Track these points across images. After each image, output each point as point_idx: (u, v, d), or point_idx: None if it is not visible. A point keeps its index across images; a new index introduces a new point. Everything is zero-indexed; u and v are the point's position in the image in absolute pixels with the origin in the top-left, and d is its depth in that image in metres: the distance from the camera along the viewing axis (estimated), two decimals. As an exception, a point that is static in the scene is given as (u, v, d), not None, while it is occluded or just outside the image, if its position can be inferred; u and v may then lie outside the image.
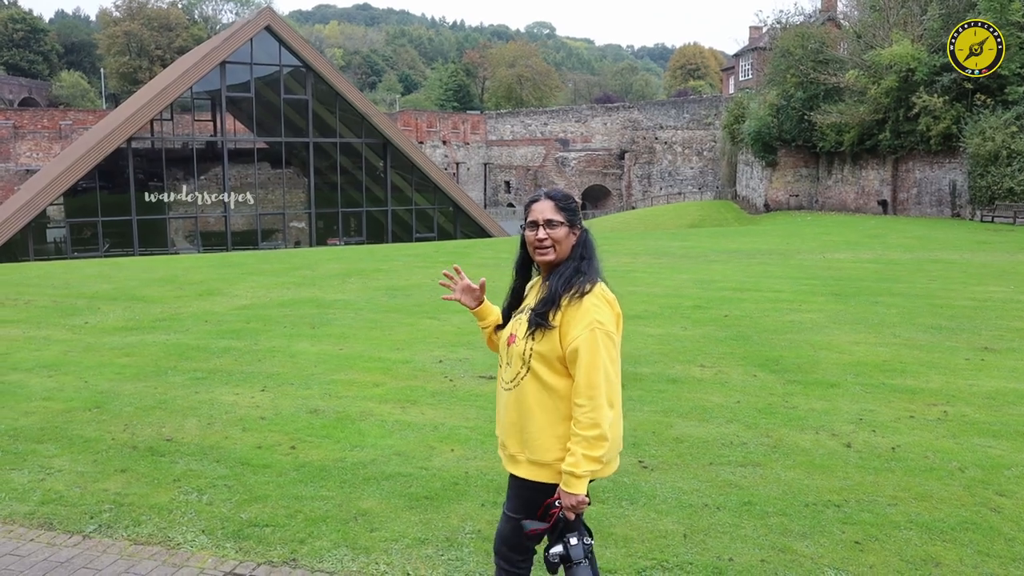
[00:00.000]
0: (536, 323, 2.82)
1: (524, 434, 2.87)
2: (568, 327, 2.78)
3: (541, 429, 2.84)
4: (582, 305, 2.79)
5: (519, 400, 2.89)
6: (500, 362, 3.06)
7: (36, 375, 7.60)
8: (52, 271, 15.90)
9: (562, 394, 2.82)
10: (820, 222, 33.05)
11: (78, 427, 6.00)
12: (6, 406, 6.58)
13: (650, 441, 5.85)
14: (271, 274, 14.99)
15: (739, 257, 18.01)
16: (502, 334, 3.06)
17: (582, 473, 2.71)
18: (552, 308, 2.81)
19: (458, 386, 7.13)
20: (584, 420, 2.72)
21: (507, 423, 2.95)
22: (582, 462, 2.71)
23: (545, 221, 2.90)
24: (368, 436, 5.83)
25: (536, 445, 2.84)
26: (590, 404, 2.72)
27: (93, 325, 10.17)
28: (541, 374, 2.83)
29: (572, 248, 2.94)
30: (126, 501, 4.70)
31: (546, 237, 2.90)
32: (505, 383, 2.96)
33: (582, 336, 2.74)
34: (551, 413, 2.83)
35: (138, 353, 8.46)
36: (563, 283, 2.84)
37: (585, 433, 2.71)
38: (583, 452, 2.71)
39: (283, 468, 5.22)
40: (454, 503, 4.75)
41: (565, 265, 2.90)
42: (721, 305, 11.49)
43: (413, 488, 4.94)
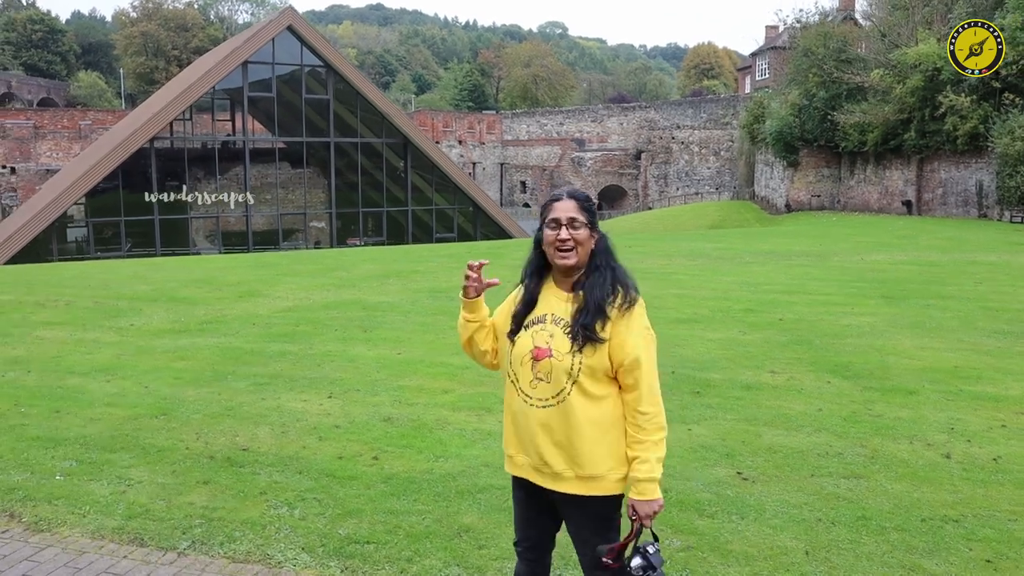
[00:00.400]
0: (587, 337, 2.70)
1: (573, 451, 2.74)
2: (623, 338, 2.71)
3: (594, 443, 2.74)
4: (633, 314, 2.75)
5: (565, 417, 2.74)
6: (514, 377, 2.85)
7: (94, 379, 7.43)
8: (88, 271, 15.77)
9: (610, 403, 2.75)
10: (846, 223, 32.72)
11: (149, 435, 5.83)
12: (71, 412, 6.41)
13: (742, 451, 5.64)
14: (307, 275, 14.82)
15: (775, 259, 17.75)
16: (518, 346, 2.84)
17: (659, 476, 2.72)
18: (599, 321, 2.71)
19: (529, 392, 6.92)
20: (651, 426, 2.71)
21: (547, 441, 2.77)
22: (656, 466, 2.71)
23: (568, 220, 2.77)
24: (450, 446, 5.63)
25: (588, 459, 2.74)
26: (655, 409, 2.73)
27: (139, 327, 10.01)
28: (588, 388, 2.73)
29: (592, 254, 2.82)
30: (215, 515, 4.52)
31: (569, 238, 2.76)
32: (538, 400, 2.77)
33: (640, 345, 2.71)
34: (600, 425, 2.74)
35: (192, 357, 8.28)
36: (607, 293, 2.75)
37: (654, 438, 2.71)
38: (656, 456, 2.71)
39: (370, 480, 5.03)
40: (557, 518, 4.54)
41: (597, 275, 2.79)
42: (772, 308, 11.26)
43: (505, 503, 4.74)
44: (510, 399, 2.89)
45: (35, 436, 5.85)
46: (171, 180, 34.57)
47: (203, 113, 44.07)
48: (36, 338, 9.38)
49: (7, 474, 5.15)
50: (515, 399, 2.85)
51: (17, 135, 45.95)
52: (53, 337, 9.43)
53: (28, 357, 8.38)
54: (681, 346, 8.76)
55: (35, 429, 6.00)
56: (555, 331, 2.76)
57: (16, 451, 5.56)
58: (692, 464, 5.39)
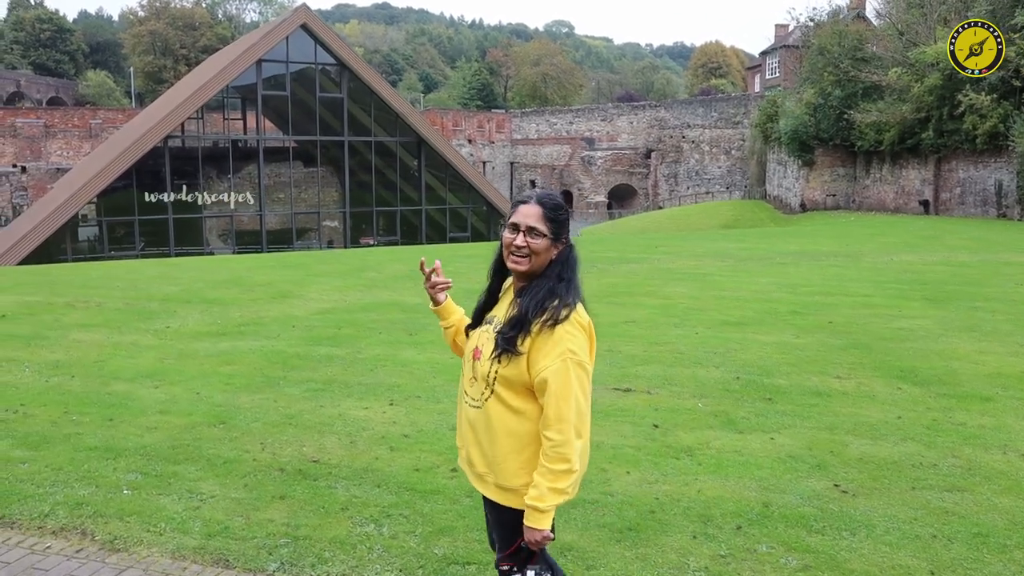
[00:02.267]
0: (503, 348, 2.61)
1: (490, 457, 2.70)
2: (537, 355, 2.58)
3: (507, 454, 2.66)
4: (554, 333, 2.57)
5: (485, 420, 2.70)
6: (463, 370, 2.85)
7: (141, 385, 7.20)
8: (112, 272, 15.54)
9: (530, 417, 2.64)
10: (865, 223, 32.45)
11: (210, 446, 5.59)
12: (124, 420, 6.18)
13: (833, 462, 5.40)
14: (336, 276, 14.59)
15: (806, 259, 17.50)
16: (468, 343, 2.85)
17: (546, 508, 2.56)
18: (521, 333, 2.60)
19: (596, 400, 6.66)
20: (552, 453, 2.55)
21: (473, 441, 2.76)
22: (547, 495, 2.55)
23: (527, 228, 2.65)
24: (528, 456, 5.38)
25: (502, 469, 2.67)
26: (560, 438, 2.54)
27: (175, 329, 9.78)
28: (506, 398, 2.65)
29: (550, 264, 2.68)
30: (300, 534, 4.28)
31: (525, 245, 2.65)
32: (471, 399, 2.76)
33: (553, 367, 2.55)
34: (517, 438, 2.65)
35: (238, 361, 8.05)
36: (535, 306, 2.60)
37: (552, 466, 2.55)
38: (548, 485, 2.55)
39: (453, 493, 4.79)
40: (660, 535, 4.32)
41: (539, 283, 2.65)
42: (818, 311, 11.01)
43: (607, 517, 4.51)
44: (458, 391, 2.90)
45: (92, 446, 5.62)
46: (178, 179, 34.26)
47: (213, 112, 43.84)
48: (73, 341, 9.15)
49: (71, 487, 4.92)
50: (459, 391, 2.87)
51: (28, 134, 45.78)
52: (90, 340, 9.21)
53: (69, 361, 8.15)
54: (737, 350, 8.52)
55: (91, 439, 5.77)
56: (490, 333, 2.71)
57: (75, 462, 5.33)
58: (784, 476, 5.16)
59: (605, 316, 10.44)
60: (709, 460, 5.40)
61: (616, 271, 15.13)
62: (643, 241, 23.37)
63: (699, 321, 10.15)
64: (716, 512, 4.61)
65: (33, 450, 5.59)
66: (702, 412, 6.41)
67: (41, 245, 28.49)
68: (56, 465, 5.29)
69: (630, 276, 14.34)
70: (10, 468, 5.26)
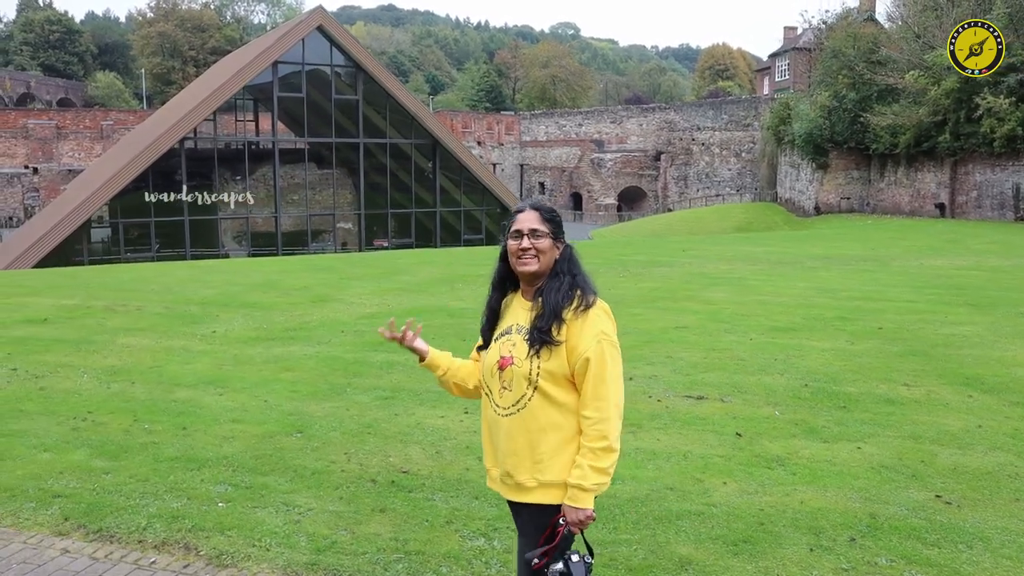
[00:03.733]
0: (541, 340, 2.70)
1: (535, 457, 2.71)
2: (576, 340, 2.68)
3: (555, 449, 2.70)
4: (588, 317, 2.71)
5: (526, 423, 2.72)
6: (487, 389, 2.88)
7: (205, 392, 7.12)
8: (143, 275, 15.47)
9: (573, 409, 2.72)
10: (883, 226, 32.33)
11: (294, 456, 5.51)
12: (198, 429, 6.10)
13: (927, 472, 5.32)
14: (370, 279, 14.51)
15: (835, 264, 17.40)
16: (487, 359, 2.88)
17: (590, 487, 2.61)
18: (555, 323, 2.70)
19: (671, 407, 6.61)
20: (592, 432, 2.64)
21: (510, 451, 2.76)
22: (590, 474, 2.61)
23: (530, 231, 2.80)
24: (619, 467, 5.29)
25: (549, 466, 2.70)
26: (598, 415, 2.64)
27: (223, 334, 9.70)
28: (550, 392, 2.71)
29: (555, 263, 2.82)
30: (410, 548, 4.20)
31: (530, 247, 2.78)
32: (503, 409, 2.78)
33: (591, 348, 2.66)
34: (564, 431, 2.71)
35: (296, 368, 7.97)
36: (563, 296, 2.74)
37: (593, 445, 2.63)
38: (591, 464, 2.62)
39: (554, 505, 4.70)
40: (776, 547, 4.24)
41: (556, 280, 2.79)
42: (864, 316, 10.91)
43: (717, 530, 4.43)
44: (485, 411, 2.90)
45: (172, 456, 5.54)
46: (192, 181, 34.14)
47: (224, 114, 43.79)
48: (122, 346, 9.08)
49: (162, 500, 4.84)
50: (488, 411, 2.87)
51: (40, 135, 45.84)
52: (139, 345, 9.13)
53: (125, 367, 8.08)
54: (797, 357, 8.43)
55: (169, 448, 5.69)
56: (517, 339, 2.77)
57: (159, 473, 5.25)
58: (882, 486, 5.07)
59: (654, 321, 10.37)
60: (803, 470, 5.31)
61: (650, 275, 15.04)
62: (668, 244, 23.28)
63: (749, 327, 10.06)
64: (825, 524, 4.53)
65: (113, 460, 5.52)
66: (781, 421, 6.33)
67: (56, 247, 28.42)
68: (140, 476, 5.21)
69: (666, 280, 14.25)
70: (94, 478, 5.19)
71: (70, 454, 5.64)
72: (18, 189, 46.34)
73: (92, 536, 4.43)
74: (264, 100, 39.86)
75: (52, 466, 5.42)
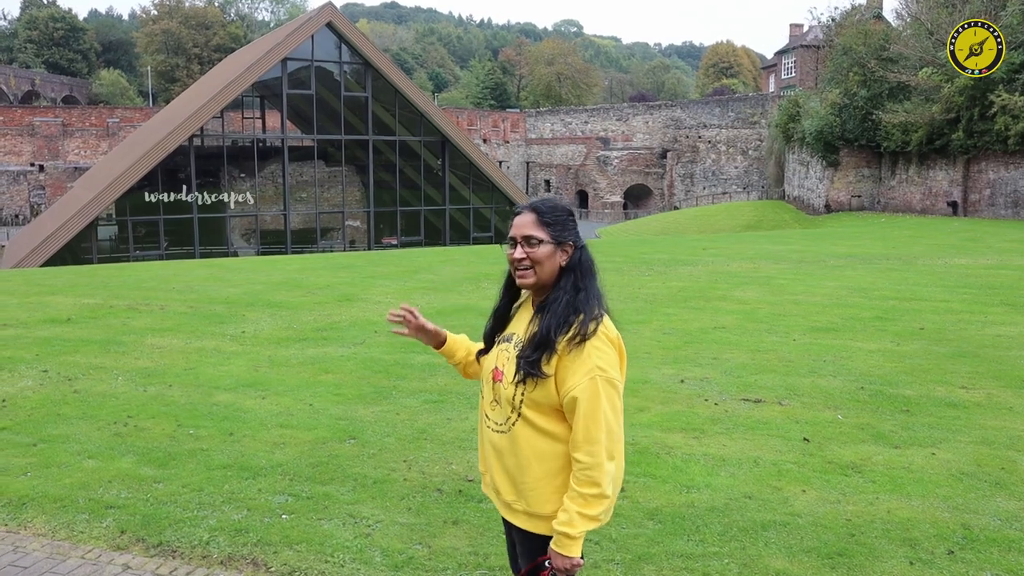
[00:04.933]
0: (527, 372, 2.44)
1: (520, 484, 2.53)
2: (565, 373, 2.42)
3: (538, 480, 2.50)
4: (583, 350, 2.42)
5: (513, 447, 2.53)
6: (482, 393, 2.70)
7: (246, 395, 6.91)
8: (161, 273, 15.25)
9: (561, 438, 2.48)
10: (897, 224, 32.10)
11: (351, 463, 5.30)
12: (246, 435, 5.90)
13: (1011, 480, 5.13)
14: (393, 278, 14.30)
15: (859, 262, 17.18)
16: (485, 364, 2.71)
17: (577, 534, 2.40)
18: (545, 354, 2.43)
19: (730, 411, 6.41)
20: (582, 477, 2.40)
21: (499, 467, 2.59)
22: (577, 521, 2.39)
23: (523, 238, 2.51)
24: (692, 474, 5.11)
25: (533, 497, 2.51)
26: (589, 460, 2.39)
27: (252, 335, 9.50)
28: (535, 421, 2.49)
29: (561, 272, 2.52)
30: (493, 563, 4.00)
31: (524, 256, 2.50)
32: (494, 423, 2.60)
33: (581, 385, 2.40)
34: (549, 462, 2.49)
35: (336, 369, 7.77)
36: (557, 323, 2.44)
37: (583, 490, 2.39)
38: (578, 510, 2.39)
39: (634, 516, 4.51)
40: (873, 560, 4.05)
41: (555, 296, 2.49)
42: (902, 317, 10.70)
43: (808, 541, 4.23)
44: (480, 412, 2.74)
45: (223, 464, 5.34)
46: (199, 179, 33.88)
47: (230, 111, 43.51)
48: (152, 347, 8.88)
49: (221, 511, 4.63)
50: (481, 414, 2.71)
51: (46, 133, 45.64)
52: (169, 346, 8.93)
53: (158, 369, 7.88)
54: (845, 358, 8.23)
55: (219, 456, 5.49)
56: (512, 354, 2.55)
57: (213, 482, 5.05)
58: (967, 495, 4.88)
59: (691, 321, 10.17)
60: (881, 477, 5.11)
61: (676, 274, 14.84)
62: (687, 243, 23.06)
63: (789, 327, 9.86)
64: (918, 535, 4.33)
65: (162, 468, 5.32)
66: (846, 425, 6.12)
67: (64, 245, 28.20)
68: (193, 485, 5.01)
69: (693, 279, 14.05)
70: (145, 488, 4.99)
71: (116, 461, 5.44)
72: (24, 187, 46.13)
73: (153, 551, 4.23)
74: (271, 97, 39.62)
75: (99, 474, 5.22)
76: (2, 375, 7.76)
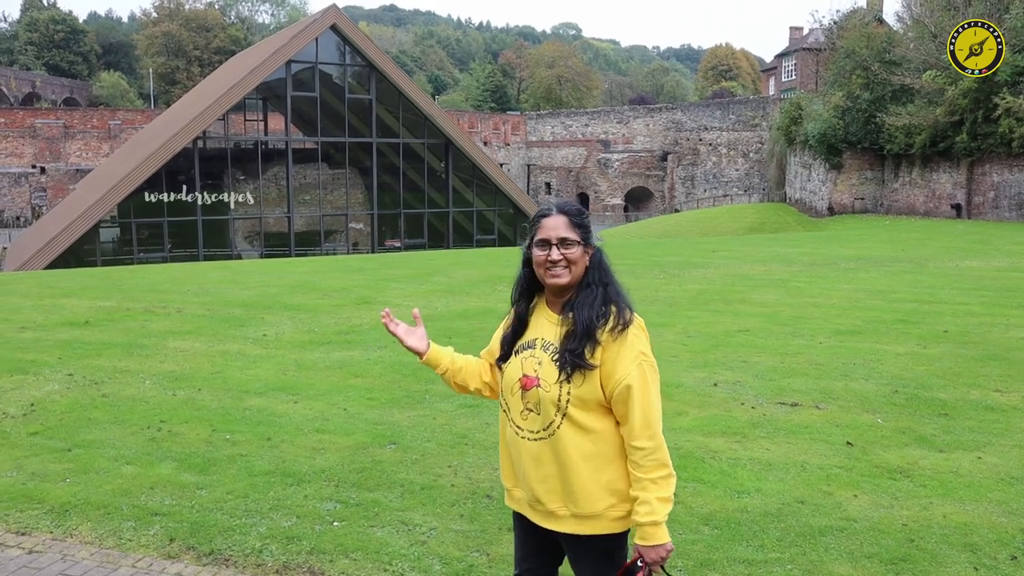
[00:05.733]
0: (574, 364, 2.45)
1: (567, 487, 2.51)
2: (614, 364, 2.46)
3: (587, 479, 2.50)
4: (626, 337, 2.48)
5: (555, 451, 2.51)
6: (505, 406, 2.65)
7: (277, 400, 6.86)
8: (174, 275, 15.19)
9: (605, 436, 2.50)
10: (902, 227, 32.10)
11: (396, 469, 5.25)
12: (284, 440, 5.84)
13: (1070, 487, 5.07)
14: (407, 280, 14.25)
15: (871, 265, 17.17)
16: (507, 374, 2.64)
17: (663, 519, 2.44)
18: (589, 344, 2.45)
19: (768, 415, 6.36)
20: (649, 463, 2.44)
21: (539, 478, 2.55)
22: (659, 507, 2.43)
23: (560, 240, 2.54)
24: (739, 478, 5.07)
25: (583, 497, 2.50)
26: (652, 444, 2.44)
27: (274, 338, 9.44)
28: (580, 420, 2.49)
29: (585, 271, 2.58)
30: (554, 569, 3.94)
31: (561, 258, 2.53)
32: (529, 432, 2.56)
33: (632, 373, 2.45)
34: (595, 460, 2.50)
35: (364, 373, 7.72)
36: (596, 314, 2.49)
37: (655, 475, 2.44)
38: (657, 496, 2.43)
39: (688, 521, 4.46)
40: (937, 566, 4.01)
41: (586, 293, 2.54)
42: (923, 320, 10.67)
43: (867, 546, 4.19)
44: (503, 429, 2.70)
45: (265, 470, 5.28)
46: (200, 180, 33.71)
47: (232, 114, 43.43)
48: (175, 350, 8.82)
49: (270, 518, 4.57)
50: (508, 429, 2.66)
51: (47, 135, 45.54)
52: (192, 349, 8.87)
53: (185, 373, 7.82)
54: (874, 361, 8.19)
55: (259, 461, 5.43)
56: (543, 358, 2.54)
57: (257, 488, 4.98)
58: (1020, 499, 4.85)
59: (713, 324, 10.13)
60: (931, 482, 5.07)
61: (690, 276, 14.80)
62: (697, 245, 23.05)
63: (812, 330, 9.82)
64: (978, 540, 4.29)
65: (202, 474, 5.26)
66: (887, 429, 6.08)
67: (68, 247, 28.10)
68: (238, 491, 4.95)
69: (709, 282, 14.01)
70: (188, 494, 4.93)
71: (155, 467, 5.39)
72: (25, 189, 46.03)
73: (205, 559, 4.17)
74: (273, 99, 39.57)
75: (139, 481, 5.16)
76: (27, 378, 7.70)
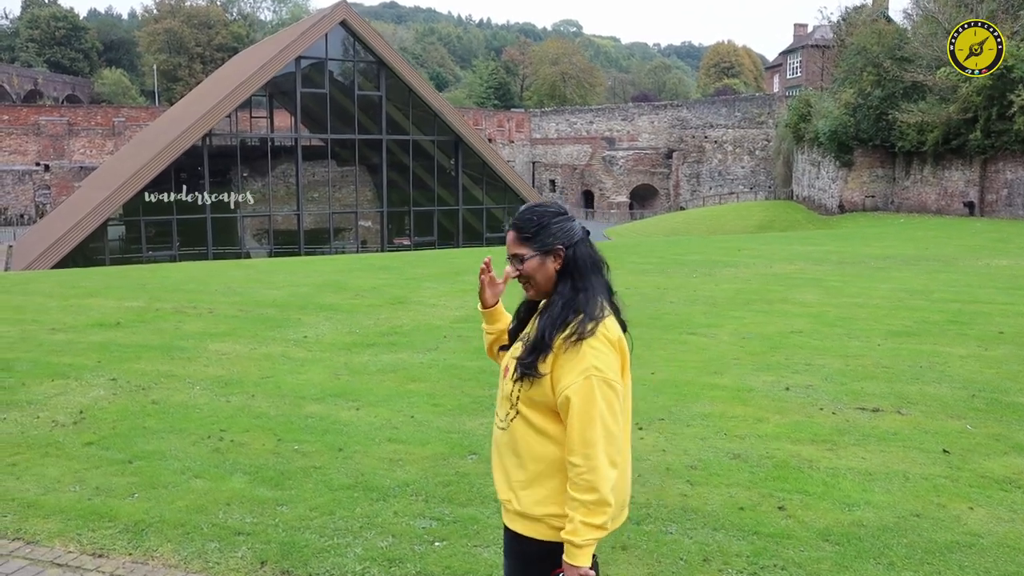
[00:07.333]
0: (523, 373, 2.40)
1: (513, 481, 2.45)
2: (560, 372, 2.36)
3: (534, 481, 2.42)
4: (579, 349, 2.34)
5: (511, 443, 2.47)
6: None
7: (338, 406, 6.62)
8: (195, 274, 14.93)
9: (556, 439, 2.40)
10: (918, 225, 31.91)
11: (485, 482, 4.97)
12: (357, 450, 5.60)
13: None
14: (437, 279, 14.01)
15: (901, 264, 16.94)
16: (502, 362, 2.63)
17: (582, 543, 2.27)
18: (541, 354, 2.38)
19: (851, 421, 6.13)
20: (580, 482, 2.28)
21: (499, 465, 2.53)
22: (581, 530, 2.27)
23: (511, 256, 2.53)
24: (844, 490, 4.84)
25: (525, 496, 2.42)
26: (586, 464, 2.28)
27: (316, 340, 9.20)
28: (531, 418, 2.43)
29: (558, 274, 2.47)
30: (679, 591, 3.71)
31: (518, 273, 2.50)
32: (499, 420, 2.55)
33: (575, 384, 2.32)
34: (542, 462, 2.41)
35: (421, 378, 7.47)
36: (552, 323, 2.40)
37: (582, 497, 2.28)
38: (582, 519, 2.27)
39: (805, 537, 4.24)
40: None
41: (552, 300, 2.46)
42: (973, 320, 10.44)
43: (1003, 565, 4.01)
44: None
45: (345, 484, 5.03)
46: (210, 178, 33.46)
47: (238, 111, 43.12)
48: (216, 353, 8.57)
49: (364, 538, 4.33)
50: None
51: (51, 132, 45.20)
52: (233, 352, 8.63)
53: (233, 377, 7.57)
54: (942, 364, 7.97)
55: (336, 475, 5.18)
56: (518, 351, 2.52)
57: (342, 505, 4.74)
58: None
59: (762, 325, 9.91)
60: (1044, 495, 4.84)
61: (722, 275, 14.57)
62: (720, 243, 22.82)
63: (865, 331, 9.59)
64: (1115, 562, 4.06)
65: (278, 488, 5.01)
66: (978, 435, 5.86)
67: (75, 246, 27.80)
68: (322, 508, 4.70)
69: (744, 281, 13.78)
70: (268, 511, 4.68)
71: (226, 481, 5.14)
72: (29, 186, 45.69)
73: (304, 581, 3.93)
74: (279, 96, 39.27)
75: (212, 496, 4.91)
76: (69, 383, 7.46)
